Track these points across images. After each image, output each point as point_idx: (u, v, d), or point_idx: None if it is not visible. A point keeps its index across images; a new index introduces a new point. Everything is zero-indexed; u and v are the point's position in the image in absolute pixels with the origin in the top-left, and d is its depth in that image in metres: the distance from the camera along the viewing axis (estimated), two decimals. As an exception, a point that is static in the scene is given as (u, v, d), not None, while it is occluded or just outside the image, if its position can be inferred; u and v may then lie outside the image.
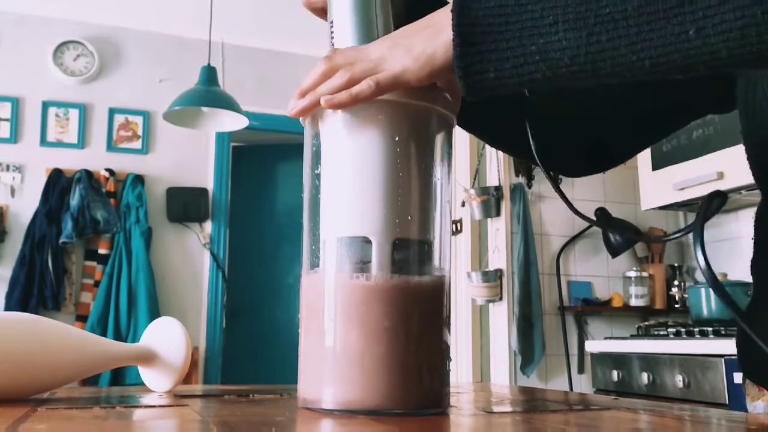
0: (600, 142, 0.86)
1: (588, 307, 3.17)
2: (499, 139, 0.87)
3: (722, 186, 2.55)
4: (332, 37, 0.66)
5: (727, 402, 2.10)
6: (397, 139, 0.60)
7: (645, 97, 0.82)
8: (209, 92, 3.00)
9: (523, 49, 0.53)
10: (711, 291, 2.69)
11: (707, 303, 2.73)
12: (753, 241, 0.77)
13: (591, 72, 0.53)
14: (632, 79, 0.53)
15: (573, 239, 3.22)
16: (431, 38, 0.57)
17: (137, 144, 3.97)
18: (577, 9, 0.52)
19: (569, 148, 0.86)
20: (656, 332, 2.71)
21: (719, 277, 2.71)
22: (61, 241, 3.59)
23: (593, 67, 0.52)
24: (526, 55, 0.53)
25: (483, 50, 0.54)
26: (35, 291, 3.54)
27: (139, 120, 3.99)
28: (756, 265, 0.77)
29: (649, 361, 2.43)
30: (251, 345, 4.59)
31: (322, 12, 0.72)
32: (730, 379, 2.10)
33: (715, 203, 0.61)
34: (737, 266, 2.82)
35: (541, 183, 3.27)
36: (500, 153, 3.17)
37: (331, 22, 0.66)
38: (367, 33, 0.64)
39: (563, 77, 0.54)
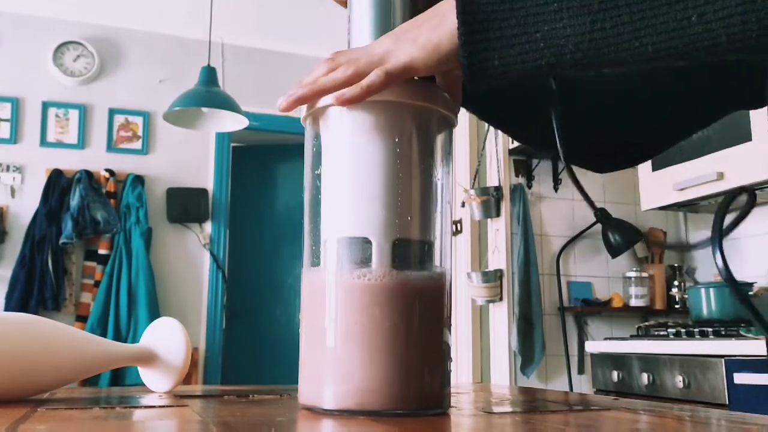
0: (629, 137, 0.85)
1: (588, 308, 3.17)
2: (518, 130, 0.86)
3: (722, 186, 2.54)
4: (348, 29, 0.65)
5: (727, 402, 2.09)
6: (397, 139, 0.60)
7: (676, 91, 0.82)
8: (209, 93, 3.00)
9: (528, 37, 0.53)
10: (711, 292, 2.69)
11: (707, 303, 2.73)
12: None
13: (595, 58, 0.53)
14: (635, 66, 0.54)
15: (573, 239, 3.22)
16: (436, 28, 0.57)
17: (137, 144, 3.97)
18: None
19: (596, 142, 0.85)
20: (656, 333, 2.71)
21: (719, 278, 2.71)
22: (61, 241, 3.59)
23: (597, 53, 0.53)
24: (530, 43, 0.53)
25: (488, 38, 0.54)
26: (35, 291, 3.54)
27: (139, 120, 3.99)
28: None
29: (649, 361, 2.43)
30: (251, 345, 4.59)
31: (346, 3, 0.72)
32: (730, 379, 2.10)
33: (747, 204, 0.60)
34: (738, 267, 2.82)
35: (541, 183, 3.27)
36: (500, 153, 3.18)
37: (349, 11, 0.66)
38: (384, 23, 0.64)
39: (567, 64, 0.54)
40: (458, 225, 3.37)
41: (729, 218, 0.67)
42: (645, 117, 0.84)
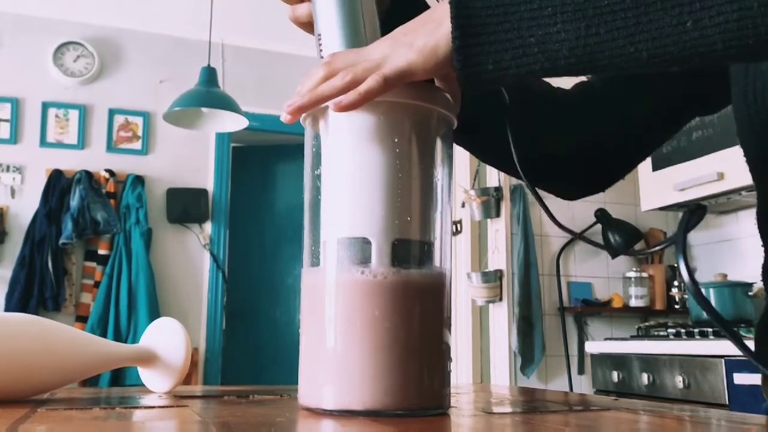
0: (594, 160, 0.85)
1: (588, 308, 3.17)
2: (487, 152, 0.87)
3: (722, 187, 2.55)
4: (320, 50, 0.66)
5: (727, 403, 2.10)
6: (397, 140, 0.60)
7: (637, 109, 0.82)
8: (209, 93, 3.00)
9: (522, 41, 0.53)
10: (711, 292, 2.69)
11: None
12: (763, 246, 0.77)
13: (589, 63, 0.53)
14: (629, 71, 0.54)
15: (573, 240, 3.22)
16: (432, 32, 0.56)
17: (137, 145, 3.97)
18: (575, 0, 0.52)
19: (560, 169, 0.85)
20: (656, 333, 2.71)
21: (719, 278, 2.71)
22: (61, 241, 3.59)
23: (591, 58, 0.53)
24: (524, 47, 0.53)
25: (482, 42, 0.54)
26: (35, 292, 3.54)
27: (139, 121, 3.99)
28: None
29: (649, 361, 2.43)
30: (251, 346, 4.59)
31: (308, 26, 0.72)
32: (730, 379, 2.10)
33: (695, 215, 0.62)
34: (737, 267, 2.82)
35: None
36: (500, 154, 3.18)
37: (319, 35, 0.66)
38: (356, 42, 0.64)
39: (561, 69, 0.54)
40: (458, 225, 3.37)
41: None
42: (608, 132, 0.84)
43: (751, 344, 0.73)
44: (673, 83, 0.79)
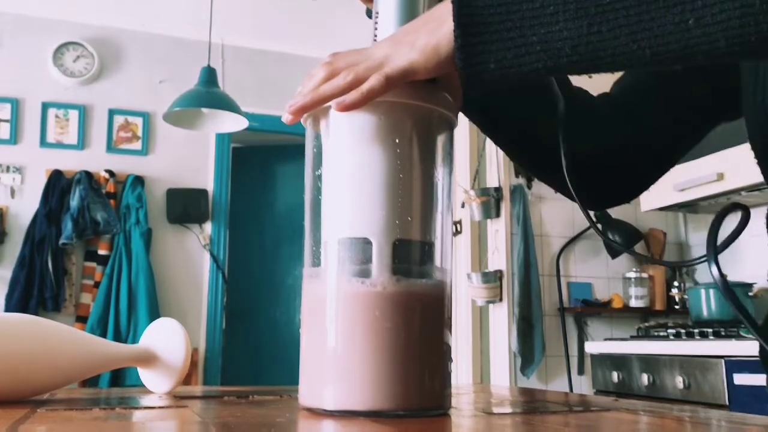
0: (617, 169, 0.85)
1: (588, 308, 3.17)
2: (500, 136, 0.87)
3: (722, 187, 2.54)
4: (375, 32, 0.65)
5: (727, 403, 2.09)
6: (397, 140, 0.60)
7: (661, 117, 0.82)
8: (209, 93, 3.00)
9: (524, 39, 0.53)
10: (711, 293, 2.69)
11: (707, 304, 2.73)
12: None
13: (591, 61, 0.53)
14: (631, 69, 0.54)
15: (573, 240, 3.22)
16: (434, 31, 0.56)
17: (137, 145, 3.97)
18: None
19: (597, 180, 0.85)
20: (656, 333, 2.71)
21: (719, 278, 2.71)
22: (61, 242, 3.59)
23: (594, 56, 0.53)
24: (527, 45, 0.53)
25: (484, 41, 0.54)
26: (35, 292, 3.54)
27: (138, 121, 3.99)
28: None
29: (649, 362, 2.43)
30: (251, 346, 4.59)
31: (369, 1, 0.72)
32: (730, 380, 2.10)
33: (739, 222, 0.60)
34: (737, 267, 2.82)
35: (541, 184, 3.24)
36: (500, 154, 3.17)
37: (377, 14, 0.65)
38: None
39: (564, 67, 0.54)
40: (458, 226, 3.37)
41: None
42: (632, 140, 0.84)
43: (752, 345, 0.73)
44: (697, 91, 0.79)
